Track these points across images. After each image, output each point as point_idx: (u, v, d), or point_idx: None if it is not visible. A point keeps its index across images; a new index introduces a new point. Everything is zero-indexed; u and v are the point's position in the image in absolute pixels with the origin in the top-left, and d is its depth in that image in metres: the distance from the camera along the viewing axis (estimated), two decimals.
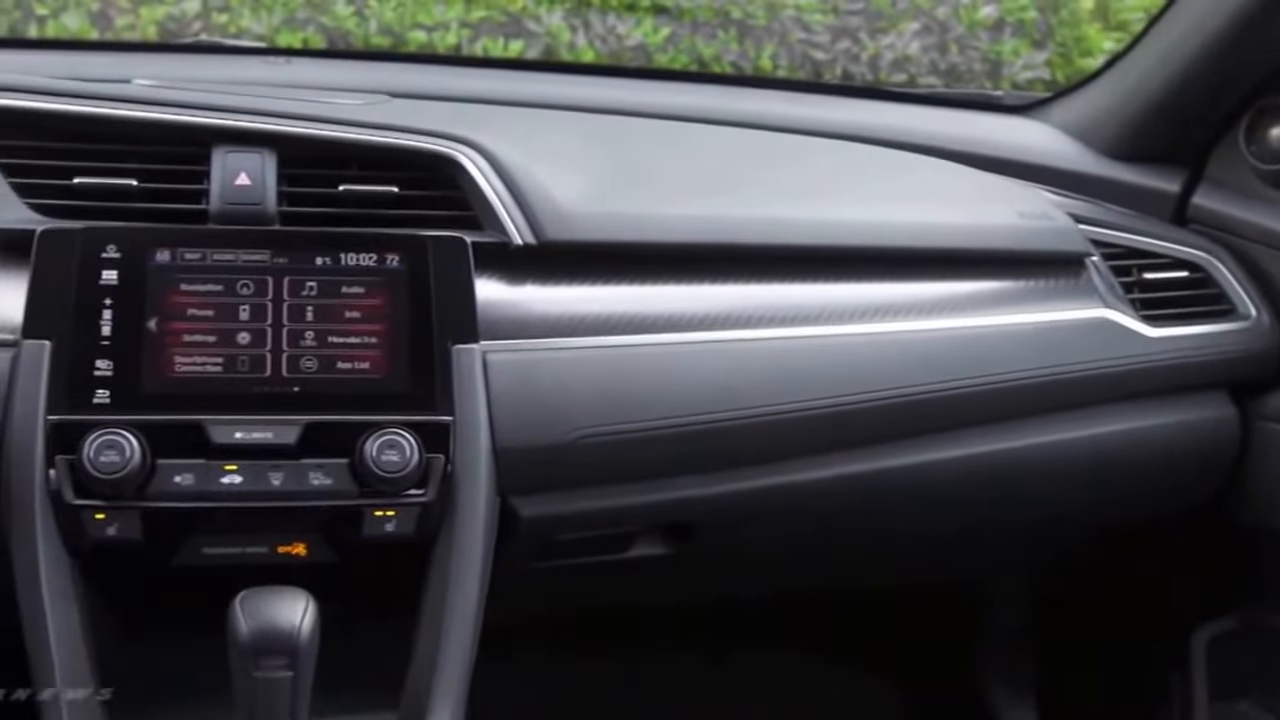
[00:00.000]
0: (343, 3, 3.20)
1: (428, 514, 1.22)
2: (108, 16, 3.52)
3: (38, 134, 1.32)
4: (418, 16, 3.11)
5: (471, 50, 3.06)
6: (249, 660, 1.08)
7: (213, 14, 3.38)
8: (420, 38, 3.09)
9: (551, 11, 3.01)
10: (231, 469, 1.18)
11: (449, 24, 3.07)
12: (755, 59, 3.00)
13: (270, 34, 3.25)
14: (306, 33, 3.25)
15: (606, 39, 3.00)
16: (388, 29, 3.14)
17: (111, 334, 1.20)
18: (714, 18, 2.99)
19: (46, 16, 3.46)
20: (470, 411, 1.23)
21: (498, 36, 3.04)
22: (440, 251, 1.28)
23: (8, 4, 3.53)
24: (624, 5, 2.92)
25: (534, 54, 3.00)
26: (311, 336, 1.23)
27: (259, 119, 1.34)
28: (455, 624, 1.22)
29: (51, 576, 1.17)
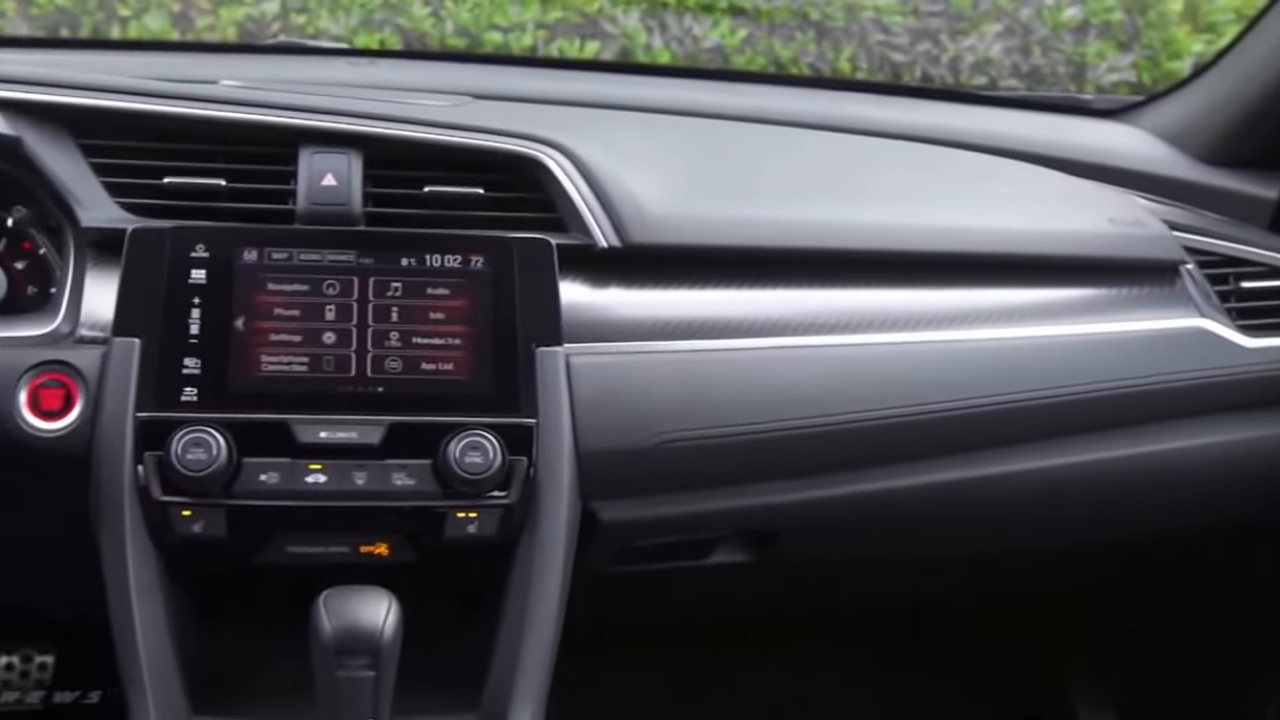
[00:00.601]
0: (420, 4, 3.21)
1: (509, 516, 1.22)
2: (188, 17, 3.56)
3: (129, 134, 1.33)
4: (494, 18, 3.11)
5: (547, 51, 3.06)
6: (332, 659, 1.08)
7: (291, 15, 3.41)
8: (496, 39, 3.09)
9: (628, 13, 3.00)
10: (316, 468, 1.19)
11: (525, 25, 3.07)
12: (833, 61, 2.98)
13: (347, 35, 3.26)
14: (383, 34, 3.26)
15: (683, 40, 2.99)
16: (464, 30, 3.15)
17: (199, 332, 1.21)
18: (792, 19, 2.96)
19: (129, 18, 3.50)
20: (553, 414, 1.23)
21: (573, 38, 3.04)
22: (525, 253, 1.28)
23: (91, 5, 3.58)
24: (701, 6, 2.90)
25: (610, 55, 3.00)
26: (396, 337, 1.23)
27: (345, 120, 1.35)
28: (536, 626, 1.22)
29: (139, 571, 1.18)
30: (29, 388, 1.20)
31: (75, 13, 3.61)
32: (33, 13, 3.58)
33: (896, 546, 1.53)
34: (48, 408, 1.20)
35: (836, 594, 1.77)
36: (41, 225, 1.34)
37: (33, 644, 1.86)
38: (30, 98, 1.30)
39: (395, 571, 1.22)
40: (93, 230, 1.27)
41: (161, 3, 3.49)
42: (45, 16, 3.57)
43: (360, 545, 1.23)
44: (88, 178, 1.29)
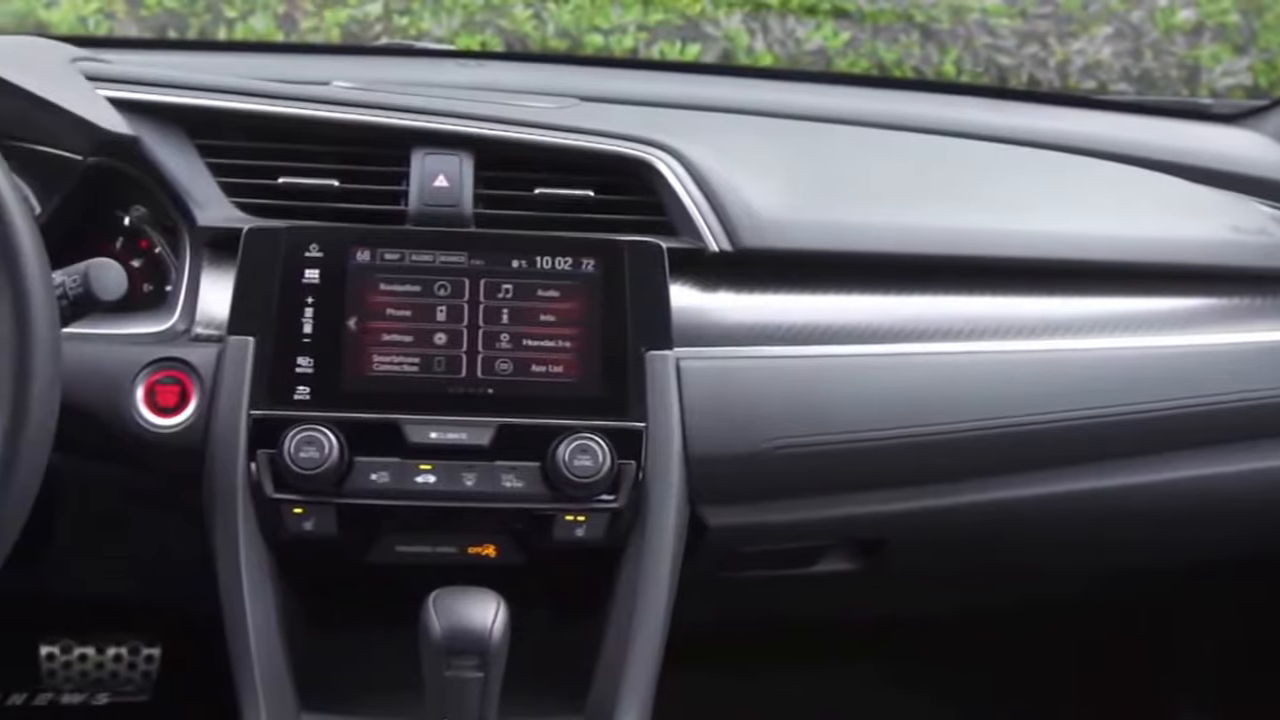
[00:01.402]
0: (521, 6, 3.22)
1: (617, 520, 1.21)
2: (293, 19, 3.61)
3: (244, 134, 1.34)
4: (595, 20, 3.12)
5: (649, 54, 3.05)
6: (441, 659, 1.08)
7: (394, 16, 3.44)
8: (597, 41, 3.09)
9: (729, 15, 2.99)
10: (426, 468, 1.19)
11: (626, 27, 3.08)
12: (938, 64, 2.94)
13: (449, 36, 3.29)
14: (485, 35, 3.28)
15: (785, 43, 2.97)
16: (565, 32, 3.16)
17: (312, 332, 1.22)
18: (896, 21, 2.93)
19: (235, 19, 3.55)
20: (663, 418, 1.22)
21: (675, 40, 3.03)
22: (636, 256, 1.27)
23: (199, 7, 3.64)
24: (804, 8, 2.88)
25: (711, 58, 2.99)
26: (506, 339, 1.23)
27: (456, 121, 1.35)
28: (643, 631, 1.21)
29: (251, 568, 1.19)
30: (145, 384, 1.22)
31: (183, 14, 3.67)
32: (142, 14, 3.65)
33: (1004, 559, 1.50)
34: (163, 404, 1.22)
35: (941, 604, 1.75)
36: (158, 224, 1.36)
37: (140, 636, 1.89)
38: (148, 98, 1.32)
39: (501, 573, 1.22)
40: (209, 229, 1.29)
41: (267, 5, 3.54)
42: (153, 18, 3.64)
43: (468, 546, 1.24)
44: (204, 177, 1.31)
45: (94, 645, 1.89)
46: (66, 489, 1.23)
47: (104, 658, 1.89)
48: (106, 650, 1.89)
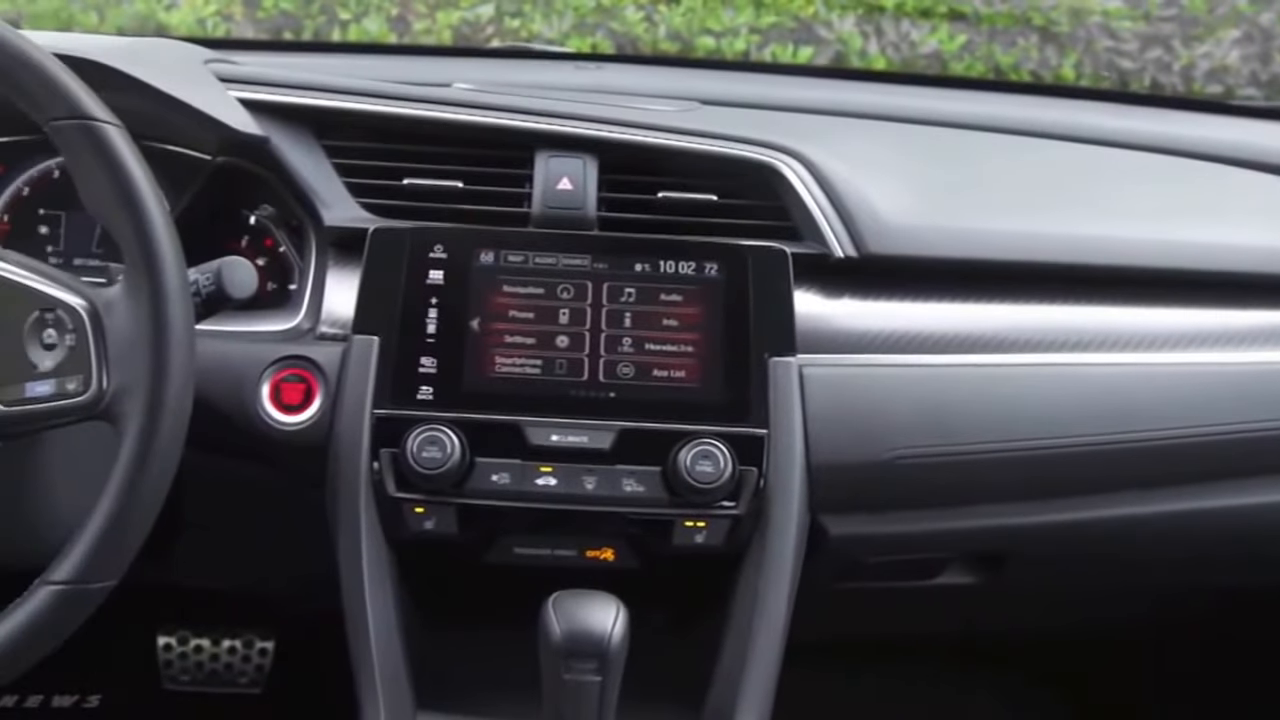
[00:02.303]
0: (633, 8, 3.22)
1: (738, 527, 1.20)
2: (406, 21, 3.64)
3: (370, 135, 1.36)
4: (706, 22, 3.10)
5: (760, 56, 3.03)
6: (559, 662, 1.08)
7: (505, 18, 3.46)
8: (709, 43, 3.08)
9: (843, 18, 2.96)
10: (547, 470, 1.19)
11: (738, 30, 3.06)
12: (1057, 68, 2.88)
13: (560, 38, 3.30)
14: (595, 38, 3.28)
15: (899, 46, 2.94)
16: (676, 34, 3.15)
17: (436, 332, 1.23)
18: (1014, 25, 2.88)
19: (349, 21, 3.59)
20: (786, 425, 1.21)
21: (787, 43, 3.01)
22: (760, 262, 1.26)
23: (313, 9, 3.69)
24: (919, 11, 2.84)
25: (823, 61, 2.96)
26: (629, 343, 1.23)
27: (580, 124, 1.35)
28: (763, 639, 1.20)
29: (372, 565, 1.21)
30: (271, 381, 1.23)
31: (298, 16, 3.72)
32: (258, 16, 3.70)
33: (1128, 577, 1.47)
34: (288, 402, 1.23)
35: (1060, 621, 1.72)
36: (283, 223, 1.37)
37: (255, 630, 1.92)
38: (278, 99, 1.34)
39: (617, 576, 1.22)
40: (335, 229, 1.30)
41: (380, 6, 3.58)
42: (269, 20, 3.69)
43: (587, 550, 1.24)
44: (331, 178, 1.32)
45: (210, 638, 1.92)
46: (192, 484, 1.25)
47: (219, 650, 1.93)
48: (221, 643, 1.93)
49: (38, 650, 0.99)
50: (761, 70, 2.26)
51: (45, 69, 1.01)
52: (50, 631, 0.99)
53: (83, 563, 0.98)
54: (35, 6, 3.27)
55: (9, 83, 1.01)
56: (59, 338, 1.01)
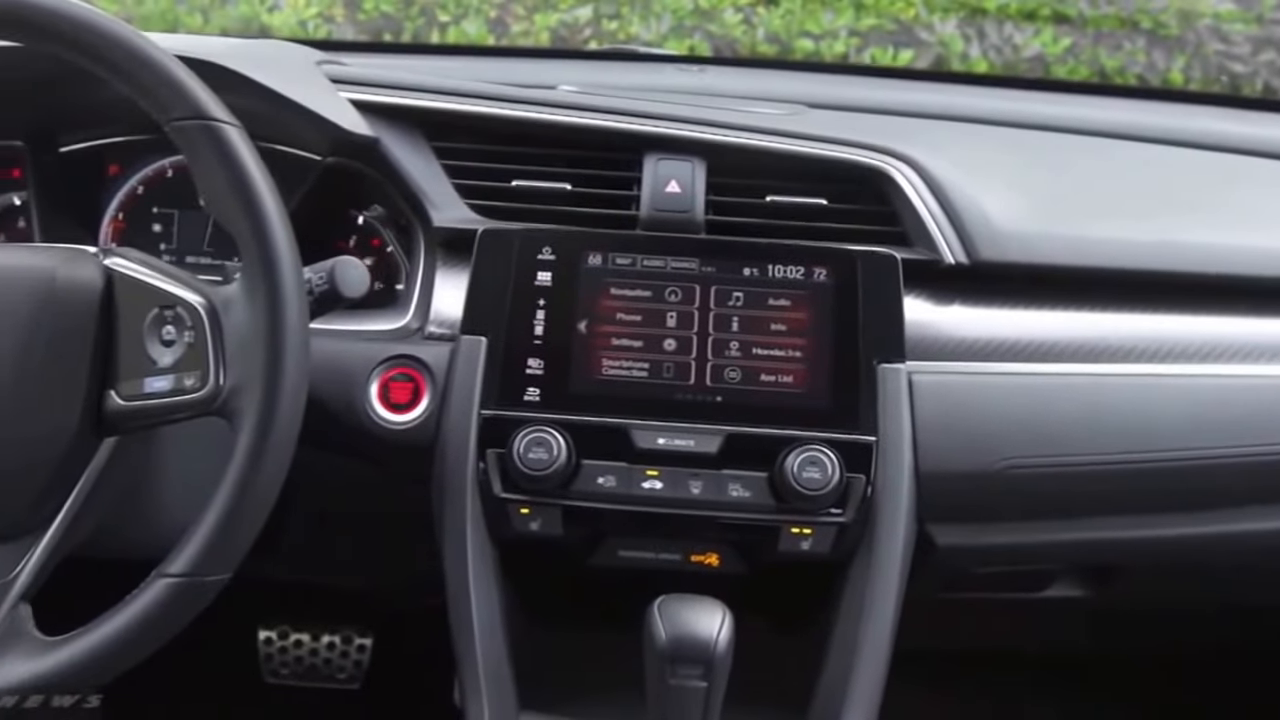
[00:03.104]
0: (731, 10, 3.21)
1: (844, 535, 1.19)
2: (504, 23, 3.66)
3: (478, 137, 1.36)
4: (805, 24, 3.08)
5: (859, 59, 3.01)
6: (665, 666, 1.08)
7: (603, 21, 3.46)
8: (807, 46, 3.06)
9: (945, 20, 2.92)
10: (653, 474, 1.19)
11: (837, 32, 3.04)
12: (1164, 72, 2.83)
13: (658, 41, 3.29)
14: (693, 40, 3.28)
15: (1001, 49, 2.89)
16: (774, 37, 3.13)
17: (544, 334, 1.23)
18: (1120, 28, 2.83)
19: (448, 23, 3.62)
20: (894, 433, 1.20)
21: (887, 45, 2.98)
22: (869, 267, 1.25)
23: (413, 11, 3.72)
24: (1022, 14, 2.80)
25: (924, 64, 2.93)
26: (736, 347, 1.22)
27: (688, 127, 1.35)
28: (869, 649, 1.19)
29: (477, 564, 1.21)
30: (380, 380, 1.24)
31: (397, 18, 3.75)
32: (359, 18, 3.74)
33: (1244, 595, 1.43)
34: (396, 401, 1.24)
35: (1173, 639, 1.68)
36: (391, 223, 1.39)
37: (354, 626, 1.94)
38: (389, 100, 1.35)
39: (720, 581, 1.21)
40: (443, 230, 1.31)
41: (479, 9, 3.61)
42: (370, 22, 3.73)
43: (691, 554, 1.23)
44: (440, 178, 1.33)
45: (310, 633, 1.95)
46: (298, 481, 1.26)
47: (319, 645, 1.95)
48: (321, 638, 1.95)
49: (154, 641, 1.01)
50: (865, 73, 2.24)
51: (168, 70, 1.02)
52: (166, 623, 1.00)
53: (198, 556, 0.99)
54: (143, 8, 3.34)
55: (133, 83, 1.02)
56: (178, 334, 1.03)
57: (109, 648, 1.00)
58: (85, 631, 1.00)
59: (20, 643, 1.01)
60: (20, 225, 1.44)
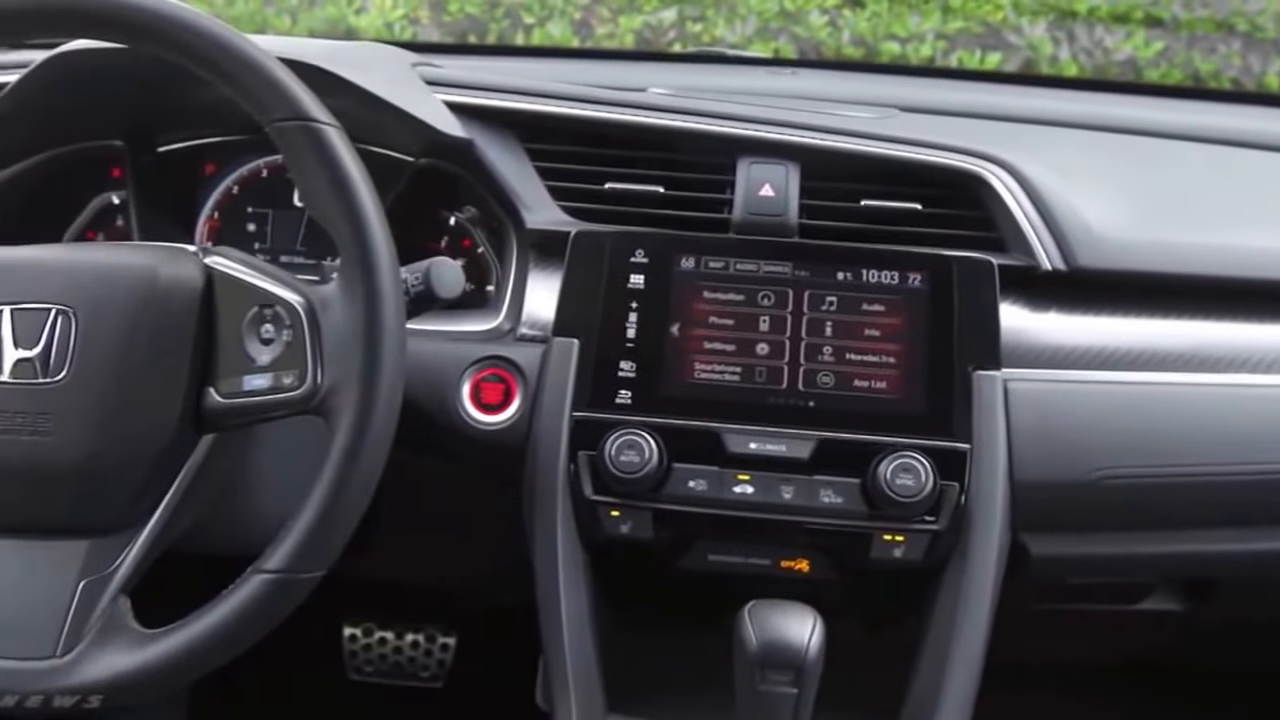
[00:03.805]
0: (816, 13, 3.19)
1: (937, 542, 1.18)
2: (588, 25, 3.67)
3: (571, 139, 1.36)
4: (892, 27, 3.06)
5: (945, 62, 2.98)
6: (755, 672, 1.07)
7: (687, 23, 3.46)
8: (893, 49, 3.03)
9: (1034, 23, 2.89)
10: (744, 479, 1.18)
11: (924, 35, 3.01)
12: (1260, 75, 2.77)
13: (743, 43, 3.29)
14: (778, 43, 3.27)
15: (1092, 52, 2.85)
16: (860, 39, 3.11)
17: (636, 336, 1.23)
18: (1215, 30, 2.78)
19: (533, 25, 3.63)
20: (989, 440, 1.19)
21: (974, 48, 2.95)
22: (965, 273, 1.24)
23: (498, 13, 3.74)
24: (1113, 17, 2.76)
25: (1011, 67, 2.90)
26: (829, 352, 1.22)
27: (782, 130, 1.34)
28: (961, 658, 1.18)
29: (567, 566, 1.21)
30: (471, 381, 1.25)
31: (483, 20, 3.78)
32: (444, 20, 3.77)
33: None
34: (488, 401, 1.25)
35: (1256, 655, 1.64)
36: (483, 225, 1.39)
37: (438, 625, 1.95)
38: (483, 103, 1.36)
39: (809, 587, 1.20)
40: (536, 232, 1.31)
41: (564, 11, 3.62)
42: (455, 23, 3.76)
43: (781, 560, 1.22)
44: (533, 180, 1.33)
45: (394, 631, 1.96)
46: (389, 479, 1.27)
47: (402, 643, 1.96)
48: (405, 636, 1.96)
49: (250, 636, 1.02)
50: (956, 77, 2.22)
51: (271, 71, 1.03)
52: (261, 618, 1.01)
53: (294, 553, 1.00)
54: (232, 10, 3.38)
55: (235, 84, 1.04)
56: (276, 333, 1.04)
57: (206, 642, 1.01)
58: (183, 625, 1.01)
59: (120, 635, 1.03)
60: (119, 224, 1.47)
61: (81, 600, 1.03)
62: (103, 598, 1.04)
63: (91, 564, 1.04)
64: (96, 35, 1.07)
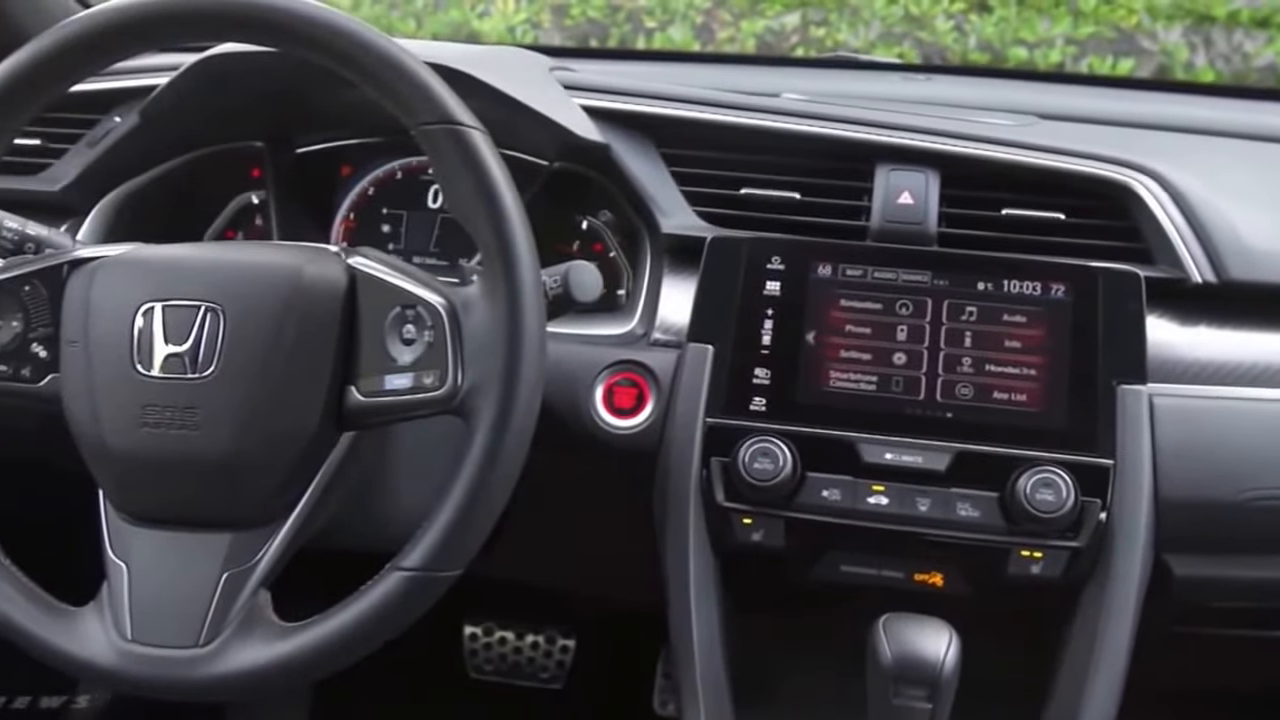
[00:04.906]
0: (942, 17, 3.16)
1: (1077, 560, 1.15)
2: (710, 29, 3.67)
3: (706, 144, 1.36)
4: (1020, 32, 3.02)
5: (1075, 68, 2.93)
6: (889, 685, 1.06)
7: (810, 28, 3.44)
8: (1021, 54, 2.99)
9: (1169, 28, 2.83)
10: (879, 489, 1.17)
11: (1053, 40, 2.96)
12: None
13: (865, 48, 3.27)
14: (902, 47, 3.24)
15: (1230, 58, 2.79)
16: (987, 45, 3.08)
17: (771, 343, 1.22)
18: None
19: (654, 29, 3.64)
20: (1133, 457, 1.16)
21: (1105, 54, 2.90)
22: (1111, 284, 1.21)
23: (619, 17, 3.75)
24: (1254, 22, 2.69)
25: (1144, 73, 2.84)
26: (968, 363, 1.20)
27: (922, 137, 1.32)
28: (1101, 682, 1.15)
29: (698, 572, 1.21)
30: (605, 385, 1.25)
31: (604, 24, 3.79)
32: (565, 24, 3.79)
33: None
34: (620, 406, 1.25)
35: None
36: (617, 229, 1.39)
37: (558, 626, 1.96)
38: (620, 107, 1.36)
39: (940, 600, 1.18)
40: (671, 237, 1.31)
41: (685, 15, 3.62)
42: (576, 27, 3.78)
43: (915, 573, 1.20)
44: (669, 185, 1.33)
45: (514, 631, 1.97)
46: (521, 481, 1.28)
47: (522, 644, 1.97)
48: (525, 637, 1.97)
49: (386, 632, 1.03)
50: (1096, 83, 2.17)
51: (419, 75, 1.04)
52: (398, 615, 1.02)
53: (432, 551, 1.01)
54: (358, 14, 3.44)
55: (382, 87, 1.04)
56: (418, 333, 1.04)
57: (343, 636, 1.02)
58: (322, 619, 1.03)
59: (260, 627, 1.04)
60: (258, 223, 1.50)
61: (224, 592, 1.05)
62: (244, 590, 1.05)
63: (234, 557, 1.06)
64: (249, 39, 1.09)
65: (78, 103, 1.38)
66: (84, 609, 1.07)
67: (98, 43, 1.07)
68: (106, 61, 1.10)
